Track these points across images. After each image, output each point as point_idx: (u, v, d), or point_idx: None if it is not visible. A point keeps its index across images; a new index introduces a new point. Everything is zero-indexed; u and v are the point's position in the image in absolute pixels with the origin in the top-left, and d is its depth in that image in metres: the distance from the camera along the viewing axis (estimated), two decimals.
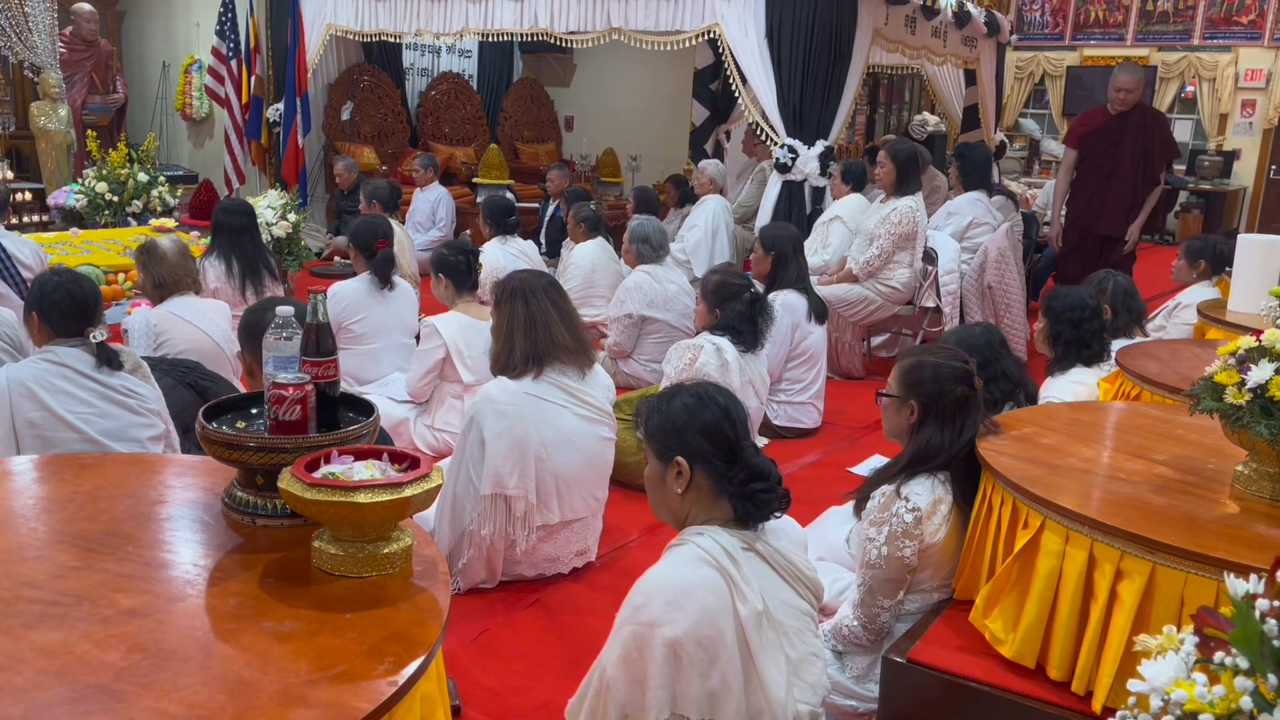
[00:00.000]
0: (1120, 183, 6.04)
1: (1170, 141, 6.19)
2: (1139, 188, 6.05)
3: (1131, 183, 6.03)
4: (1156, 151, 6.03)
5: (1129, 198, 6.05)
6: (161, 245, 3.87)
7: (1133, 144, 5.99)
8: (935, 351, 2.47)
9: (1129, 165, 6.00)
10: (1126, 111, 6.02)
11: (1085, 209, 6.19)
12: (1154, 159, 6.03)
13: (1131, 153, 5.99)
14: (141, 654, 1.31)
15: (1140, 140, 5.99)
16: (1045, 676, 2.01)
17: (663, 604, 1.79)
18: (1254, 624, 0.80)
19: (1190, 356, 3.23)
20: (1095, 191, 6.12)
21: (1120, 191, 6.04)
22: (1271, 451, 1.96)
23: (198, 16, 10.01)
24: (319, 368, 1.73)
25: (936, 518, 2.29)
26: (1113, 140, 6.04)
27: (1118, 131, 6.02)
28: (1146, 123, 6.04)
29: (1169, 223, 12.23)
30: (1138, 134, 5.99)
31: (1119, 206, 6.07)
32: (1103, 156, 6.07)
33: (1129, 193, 6.04)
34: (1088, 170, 6.16)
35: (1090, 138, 6.13)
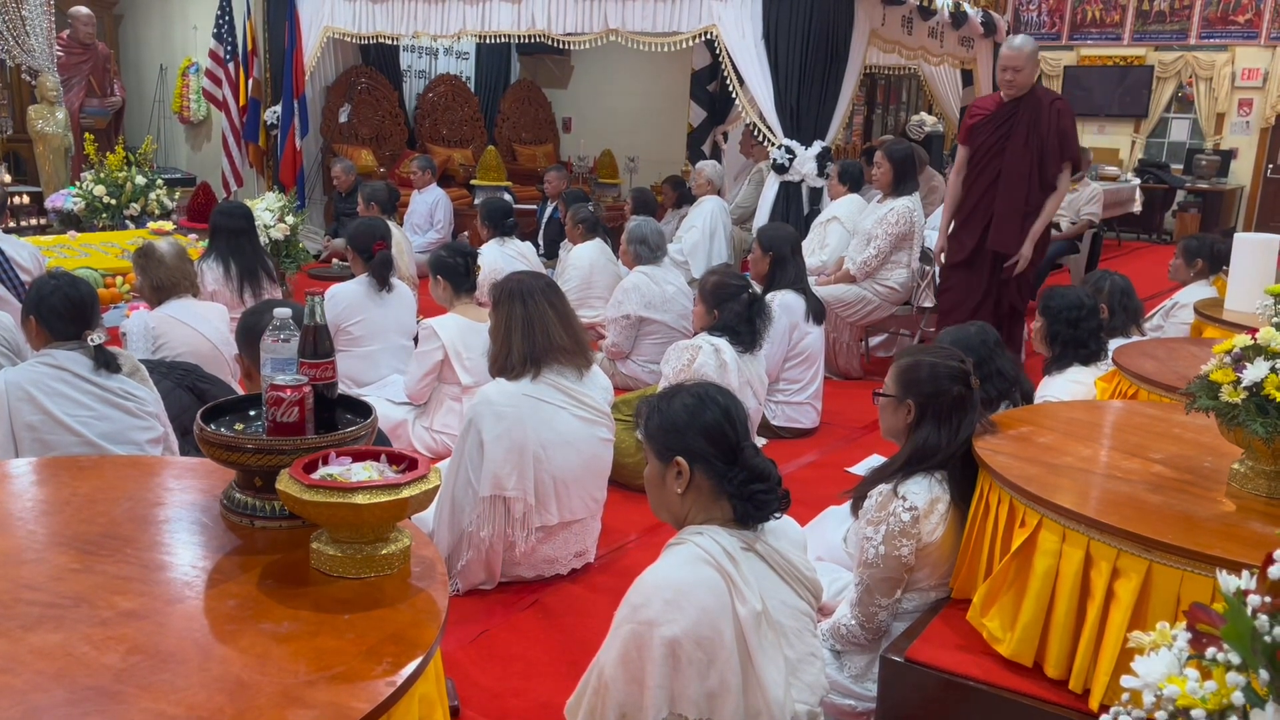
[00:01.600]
0: (1010, 187, 4.86)
1: (1070, 137, 4.88)
2: (1032, 194, 4.85)
3: (1024, 188, 4.84)
4: (1052, 149, 4.81)
5: (1020, 206, 4.85)
6: (159, 248, 3.87)
7: (1023, 139, 4.82)
8: (932, 351, 2.48)
9: (1019, 165, 4.83)
10: (1018, 98, 4.85)
11: (969, 219, 4.99)
12: (1049, 158, 4.82)
13: (1022, 149, 4.82)
14: (140, 655, 1.31)
15: (1033, 134, 4.81)
16: (1043, 675, 2.02)
17: (661, 603, 1.79)
18: (1245, 620, 0.80)
19: (1187, 355, 3.24)
20: (982, 198, 4.94)
21: (1010, 198, 4.86)
22: (1267, 449, 1.97)
23: (195, 19, 10.01)
24: (317, 369, 1.74)
25: (934, 517, 2.29)
26: (1001, 134, 4.88)
27: (1007, 123, 4.87)
28: (1041, 113, 4.81)
29: (1166, 222, 12.25)
30: (1030, 127, 4.81)
31: (1008, 217, 4.87)
32: (990, 155, 4.92)
33: (1020, 200, 4.85)
34: (975, 171, 4.99)
35: (978, 131, 4.97)
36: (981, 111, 5.00)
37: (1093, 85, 12.83)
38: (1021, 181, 4.84)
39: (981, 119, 4.95)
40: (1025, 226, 4.86)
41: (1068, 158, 4.88)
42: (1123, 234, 11.81)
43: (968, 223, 4.98)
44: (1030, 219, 4.87)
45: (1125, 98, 12.64)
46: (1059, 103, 4.89)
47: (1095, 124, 12.92)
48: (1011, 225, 4.88)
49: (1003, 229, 4.89)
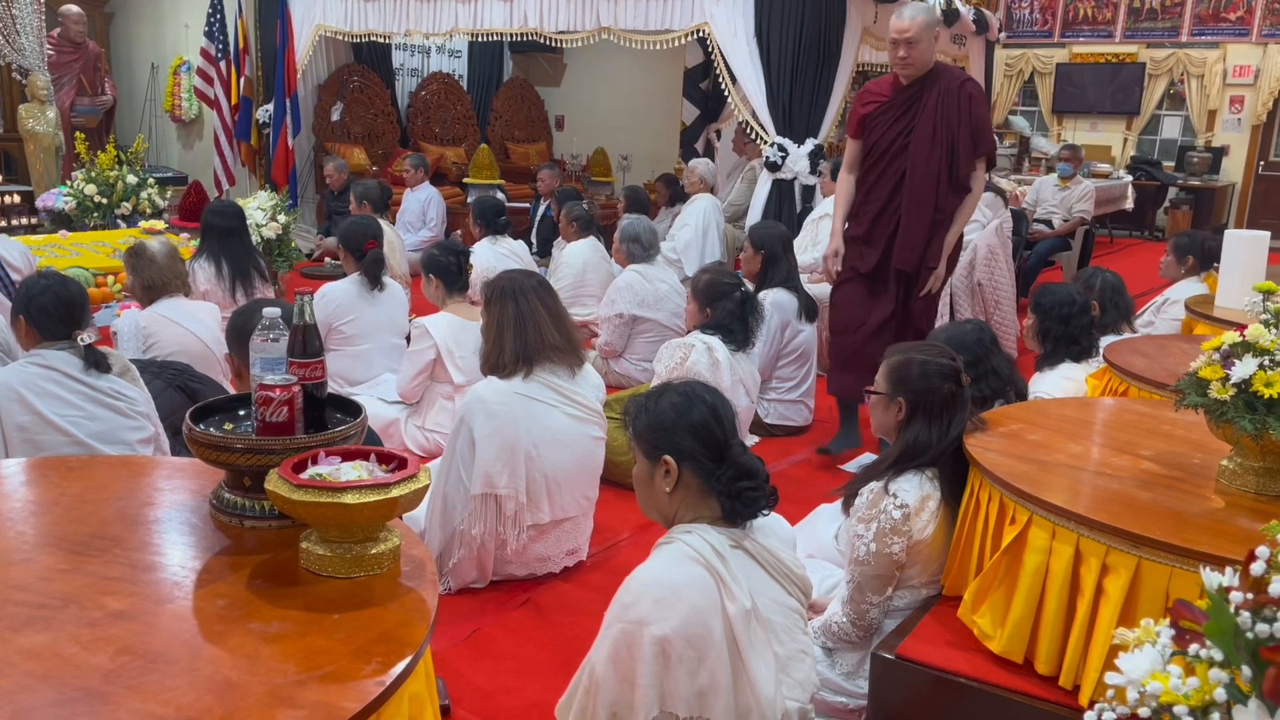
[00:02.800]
0: (916, 193, 3.92)
1: (985, 128, 3.96)
2: (942, 199, 3.93)
3: (932, 193, 3.91)
4: (964, 144, 3.89)
5: (928, 215, 3.93)
6: (150, 247, 3.86)
7: (930, 132, 3.88)
8: (923, 349, 2.48)
9: (927, 165, 3.88)
10: (920, 78, 3.91)
11: (873, 229, 4.05)
12: (960, 155, 3.89)
13: (929, 145, 3.88)
14: (129, 656, 1.31)
15: (941, 126, 3.88)
16: (1033, 671, 2.02)
17: (651, 602, 1.80)
18: (1228, 616, 0.81)
19: (1177, 352, 3.25)
20: (886, 205, 4.01)
21: (916, 207, 3.93)
22: (1255, 446, 1.98)
23: (186, 18, 9.99)
24: (306, 369, 1.74)
25: (924, 514, 2.29)
26: (902, 127, 3.93)
27: (908, 113, 3.93)
28: (949, 99, 3.88)
29: (1159, 219, 12.28)
30: (938, 117, 3.87)
31: (915, 229, 3.95)
32: (892, 152, 3.97)
33: (928, 208, 3.92)
34: (873, 172, 4.03)
35: (874, 123, 4.02)
36: (876, 98, 4.02)
37: (1085, 82, 12.85)
38: (929, 185, 3.90)
39: (876, 107, 4.00)
40: (936, 239, 3.98)
41: (982, 153, 3.94)
42: (1115, 231, 11.83)
43: (871, 233, 4.05)
44: (942, 229, 3.97)
45: (1117, 95, 12.67)
46: (970, 85, 3.94)
47: (1088, 121, 12.95)
48: (918, 239, 3.95)
49: (909, 243, 3.96)
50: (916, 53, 3.84)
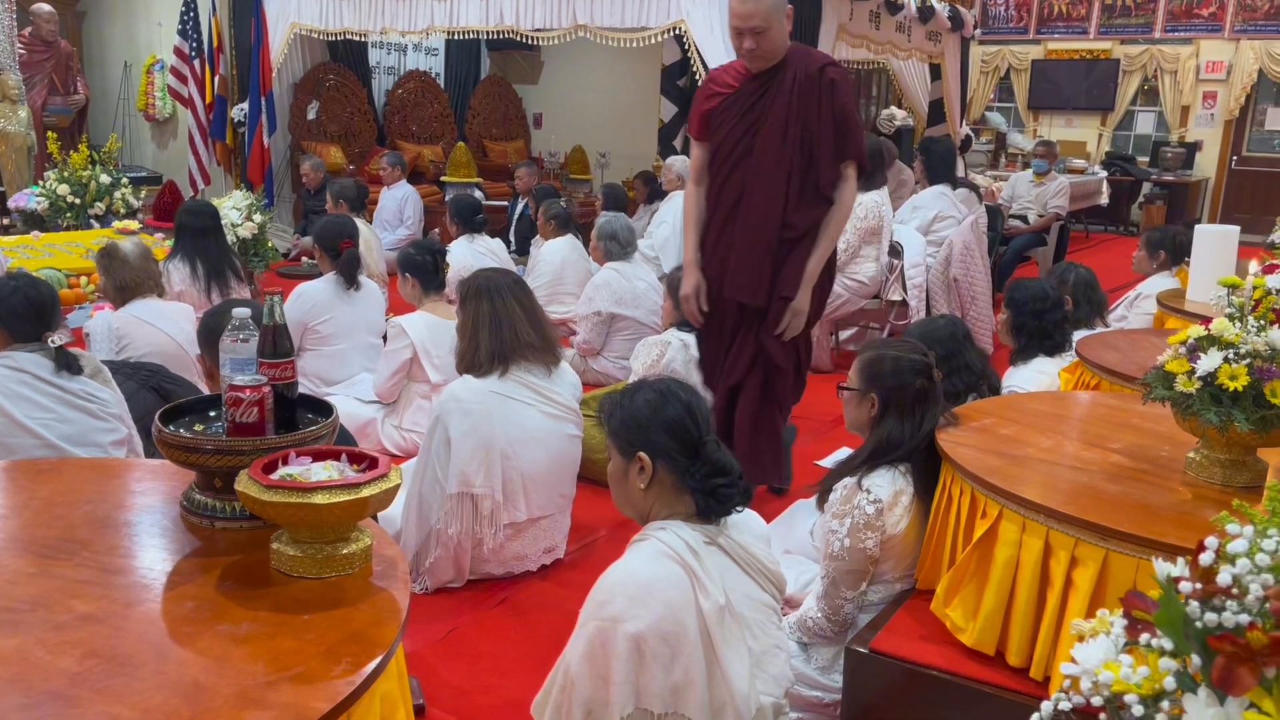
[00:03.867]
0: (754, 205, 3.17)
1: (851, 122, 3.19)
2: (793, 210, 3.17)
3: (777, 205, 3.16)
4: (824, 143, 3.14)
5: (768, 234, 3.17)
6: (123, 248, 3.83)
7: (778, 126, 3.14)
8: (895, 345, 2.50)
9: (773, 170, 3.14)
10: (772, 70, 3.16)
11: (714, 249, 3.29)
12: (821, 158, 3.15)
13: (778, 146, 3.14)
14: (96, 659, 1.30)
15: (793, 119, 3.13)
16: (1005, 663, 2.04)
17: (625, 599, 1.80)
18: (1178, 606, 0.82)
19: (1148, 346, 3.28)
20: (729, 221, 3.23)
21: (752, 222, 3.18)
22: (1221, 438, 2.00)
23: (159, 16, 9.90)
24: (276, 369, 1.73)
25: (898, 509, 2.31)
26: (749, 122, 3.20)
27: (756, 104, 3.19)
28: (805, 86, 3.13)
29: (1133, 214, 12.39)
30: (789, 107, 3.13)
31: (751, 249, 3.18)
32: (738, 155, 3.21)
33: (770, 224, 3.17)
34: (719, 180, 3.27)
35: (718, 119, 3.25)
36: (720, 89, 3.24)
37: (1060, 79, 12.94)
38: (775, 192, 3.13)
39: (720, 100, 3.22)
40: (792, 262, 3.17)
41: (849, 156, 3.17)
42: (1090, 226, 11.93)
43: (712, 254, 3.26)
44: (798, 251, 3.18)
45: (1092, 91, 12.77)
46: (832, 70, 3.14)
47: (1063, 117, 13.04)
48: (757, 259, 3.15)
49: (746, 264, 3.17)
50: (766, 41, 3.08)
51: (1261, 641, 0.77)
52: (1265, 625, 0.79)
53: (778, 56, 3.16)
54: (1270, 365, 1.93)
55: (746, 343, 3.29)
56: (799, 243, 3.20)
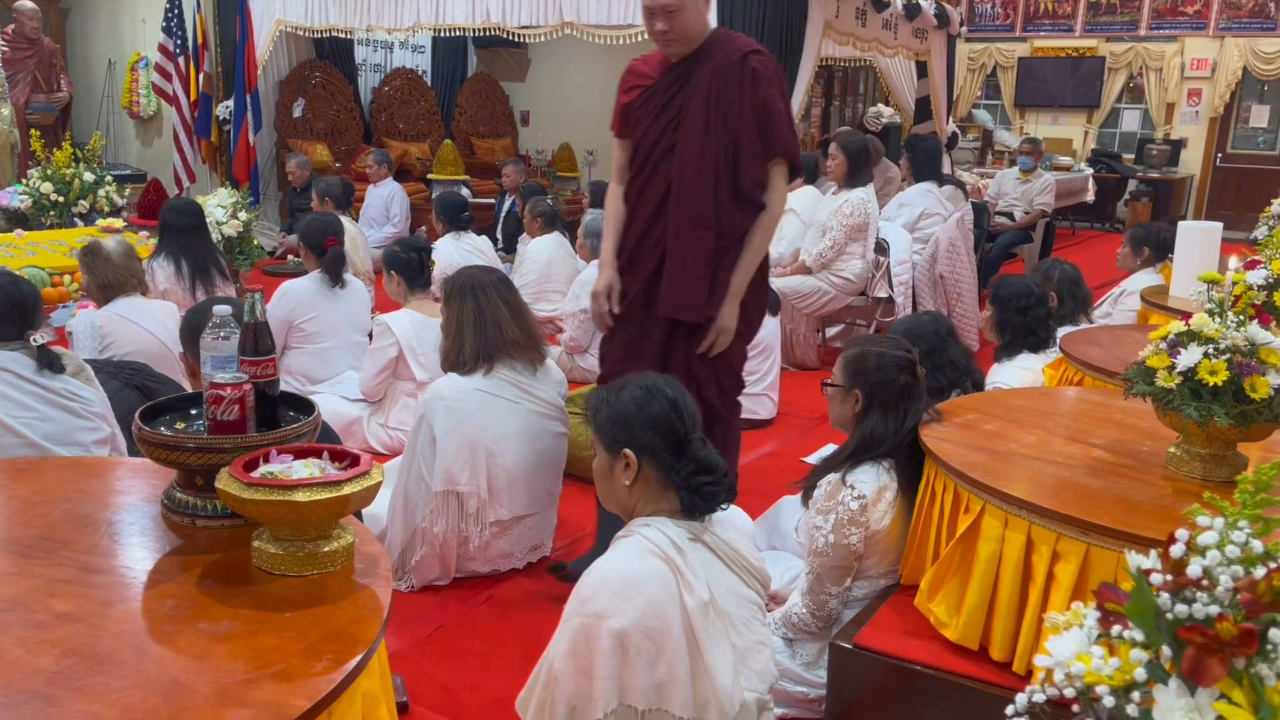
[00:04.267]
0: (683, 210, 2.85)
1: (777, 116, 2.82)
2: (724, 216, 2.85)
3: (707, 208, 2.83)
4: (748, 139, 2.82)
5: (702, 239, 2.84)
6: (106, 246, 3.81)
7: (699, 121, 2.83)
8: (878, 341, 2.51)
9: (698, 170, 2.82)
10: (691, 55, 2.86)
11: (635, 256, 2.96)
12: (745, 155, 2.83)
13: (700, 142, 2.83)
14: (75, 658, 1.30)
15: (715, 113, 2.83)
16: (988, 658, 2.05)
17: (609, 595, 1.80)
18: (1149, 598, 0.83)
19: (1131, 342, 3.29)
20: (651, 226, 2.91)
21: (683, 229, 2.86)
22: (1201, 433, 2.01)
23: (143, 13, 9.85)
24: (257, 367, 1.72)
25: (882, 505, 2.32)
26: (669, 117, 2.88)
27: (676, 97, 2.88)
28: (726, 76, 2.82)
29: (1119, 211, 12.45)
30: (709, 100, 2.83)
31: (684, 261, 2.85)
32: (658, 153, 2.90)
33: (703, 230, 2.84)
34: (639, 180, 2.95)
35: (637, 114, 2.95)
36: (639, 81, 2.96)
37: (1046, 76, 13.00)
38: (704, 197, 2.82)
39: (639, 94, 2.94)
40: (717, 275, 2.85)
41: (776, 153, 2.83)
42: (1076, 223, 11.98)
43: (633, 261, 2.95)
44: (725, 262, 2.85)
45: (1078, 88, 12.82)
46: (755, 59, 2.82)
47: (1049, 114, 13.10)
48: (693, 274, 2.84)
49: (681, 280, 2.85)
50: (679, 23, 2.77)
51: (1231, 633, 0.78)
52: (1235, 617, 0.80)
53: (695, 41, 2.85)
54: (1249, 360, 1.95)
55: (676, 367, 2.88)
56: (728, 253, 2.87)
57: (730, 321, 2.88)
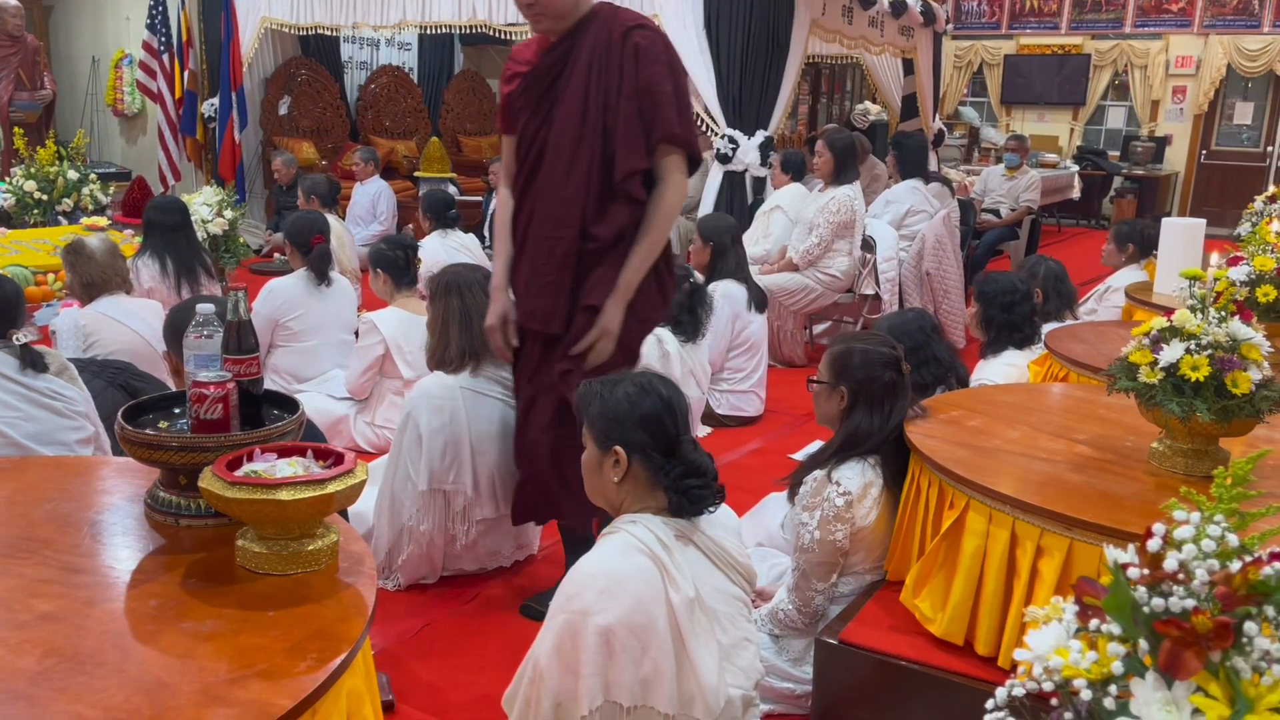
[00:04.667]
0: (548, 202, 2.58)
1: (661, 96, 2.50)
2: (594, 218, 2.55)
3: (576, 205, 2.54)
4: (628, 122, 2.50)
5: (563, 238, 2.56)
6: (89, 244, 3.79)
7: (575, 107, 2.53)
8: (864, 338, 2.52)
9: (568, 160, 2.54)
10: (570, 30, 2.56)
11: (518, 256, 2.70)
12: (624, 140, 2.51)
13: (574, 128, 2.53)
14: (57, 658, 1.29)
15: (593, 97, 2.52)
16: (973, 653, 2.06)
17: (595, 592, 1.80)
18: (1125, 591, 0.83)
19: (1115, 338, 3.31)
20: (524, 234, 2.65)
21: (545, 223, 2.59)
22: (1183, 428, 2.02)
23: (127, 10, 9.80)
24: (241, 365, 1.72)
25: (867, 501, 2.33)
26: (545, 108, 2.59)
27: (554, 86, 2.58)
28: (608, 55, 2.51)
29: (1105, 207, 12.50)
30: (588, 83, 2.52)
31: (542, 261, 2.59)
32: (534, 145, 2.61)
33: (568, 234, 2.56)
34: (519, 179, 2.68)
35: (517, 103, 2.65)
36: (519, 68, 2.65)
37: (1032, 73, 13.04)
38: (571, 196, 2.53)
39: (519, 83, 2.63)
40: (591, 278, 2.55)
41: (661, 138, 2.49)
42: (1062, 220, 12.03)
43: (516, 275, 2.69)
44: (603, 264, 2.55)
45: (1064, 86, 12.87)
46: (639, 35, 2.49)
47: (1035, 112, 13.15)
48: (546, 278, 2.57)
49: (534, 288, 2.60)
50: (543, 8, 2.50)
51: (1206, 626, 0.79)
52: (1211, 610, 0.81)
53: (570, 16, 2.51)
54: (1231, 356, 1.96)
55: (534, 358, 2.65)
56: (606, 254, 2.55)
57: (613, 323, 2.52)
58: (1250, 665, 0.80)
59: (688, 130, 2.56)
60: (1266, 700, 0.77)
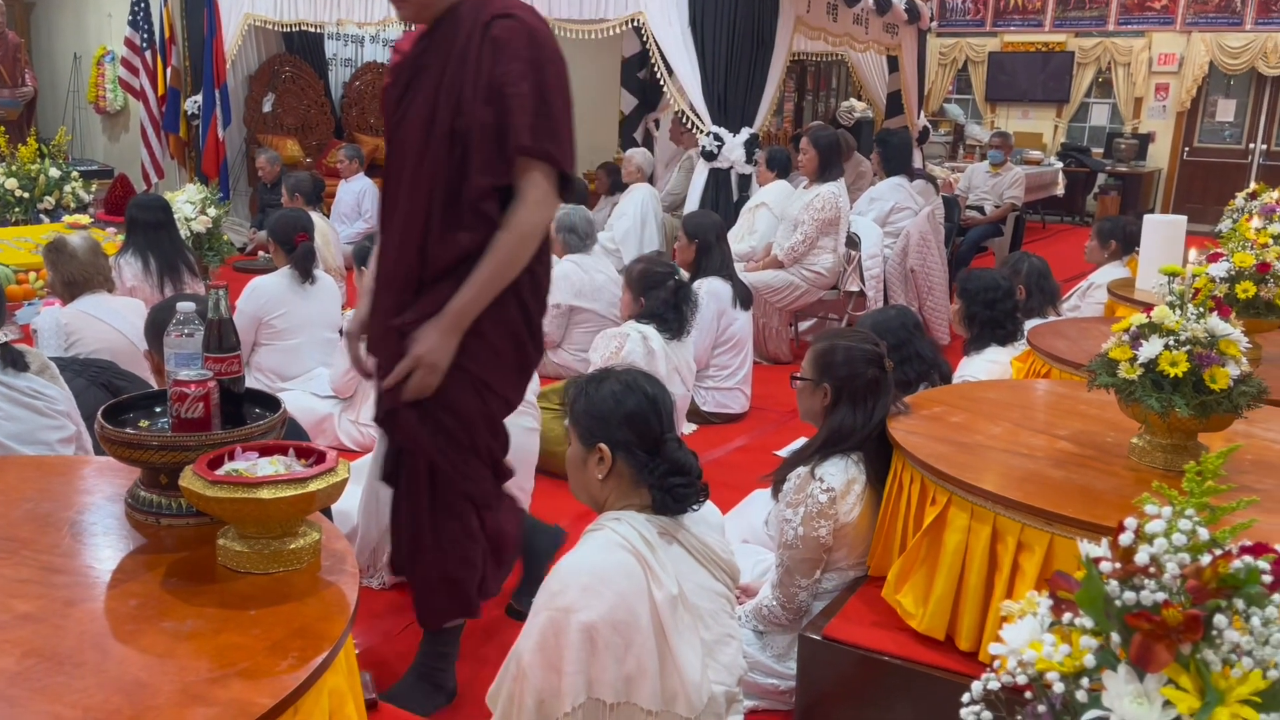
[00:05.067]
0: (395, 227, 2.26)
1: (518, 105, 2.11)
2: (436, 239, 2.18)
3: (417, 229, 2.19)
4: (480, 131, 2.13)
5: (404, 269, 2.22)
6: (71, 243, 3.77)
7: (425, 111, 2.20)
8: (847, 335, 2.52)
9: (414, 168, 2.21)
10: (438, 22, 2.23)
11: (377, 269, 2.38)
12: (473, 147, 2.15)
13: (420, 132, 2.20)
14: (36, 659, 1.29)
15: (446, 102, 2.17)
16: (955, 648, 2.07)
17: (578, 589, 1.81)
18: (1098, 585, 0.84)
19: (1097, 334, 3.33)
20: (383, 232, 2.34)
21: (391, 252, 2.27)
22: (1162, 423, 2.04)
23: (109, 7, 9.73)
24: (222, 364, 1.71)
25: (850, 497, 2.33)
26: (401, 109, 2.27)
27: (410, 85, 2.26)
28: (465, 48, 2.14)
29: (1088, 204, 12.57)
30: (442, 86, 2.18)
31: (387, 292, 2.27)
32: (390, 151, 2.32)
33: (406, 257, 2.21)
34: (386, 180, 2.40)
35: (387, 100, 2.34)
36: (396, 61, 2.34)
37: (1017, 71, 13.09)
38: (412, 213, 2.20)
39: (392, 77, 2.34)
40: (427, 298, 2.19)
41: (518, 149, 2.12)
42: (1046, 217, 12.09)
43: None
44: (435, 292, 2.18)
45: (1048, 83, 12.93)
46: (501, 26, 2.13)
47: (1020, 109, 13.20)
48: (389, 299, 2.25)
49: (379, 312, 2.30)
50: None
51: (1177, 619, 0.80)
52: (1182, 603, 0.81)
53: (435, 3, 2.19)
54: (1209, 351, 1.98)
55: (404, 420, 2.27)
56: (440, 284, 2.17)
57: (431, 353, 2.12)
58: (1220, 658, 0.81)
59: (545, 140, 2.14)
60: (1236, 692, 0.78)
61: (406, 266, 2.21)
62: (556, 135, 2.18)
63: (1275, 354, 3.12)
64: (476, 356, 2.20)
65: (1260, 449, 2.25)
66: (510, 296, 2.21)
